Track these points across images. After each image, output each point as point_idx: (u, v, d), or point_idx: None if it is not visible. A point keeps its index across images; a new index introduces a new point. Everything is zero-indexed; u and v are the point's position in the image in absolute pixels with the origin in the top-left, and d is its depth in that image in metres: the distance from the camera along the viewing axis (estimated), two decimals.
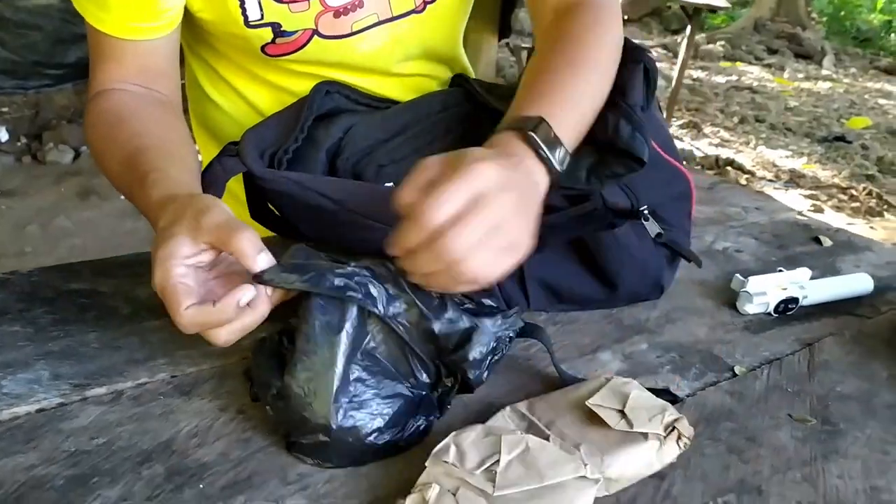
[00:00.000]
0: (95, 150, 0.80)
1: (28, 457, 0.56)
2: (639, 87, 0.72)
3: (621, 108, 0.70)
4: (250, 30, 0.81)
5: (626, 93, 0.72)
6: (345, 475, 0.57)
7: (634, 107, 0.70)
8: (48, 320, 0.72)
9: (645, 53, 0.75)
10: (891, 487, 0.62)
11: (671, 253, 0.83)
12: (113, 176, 0.77)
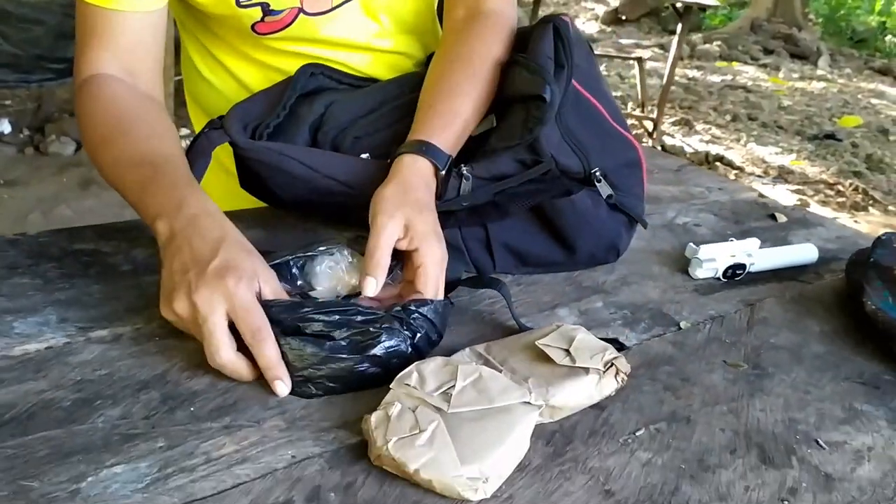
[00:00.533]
0: (96, 141, 0.82)
1: (38, 384, 0.63)
2: (545, 42, 0.82)
3: (519, 60, 0.83)
4: (241, 9, 0.88)
5: (527, 48, 0.83)
6: (318, 402, 0.64)
7: (537, 56, 0.80)
8: (55, 274, 0.80)
9: (558, 17, 0.84)
10: (808, 420, 0.69)
11: (627, 219, 0.90)
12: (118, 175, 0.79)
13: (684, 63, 7.01)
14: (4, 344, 0.67)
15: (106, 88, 0.83)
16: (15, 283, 0.77)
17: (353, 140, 0.85)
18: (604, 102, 0.88)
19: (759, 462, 0.63)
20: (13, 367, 0.65)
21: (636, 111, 4.78)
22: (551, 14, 0.87)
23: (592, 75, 0.88)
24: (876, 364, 0.79)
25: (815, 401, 0.72)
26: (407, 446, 0.56)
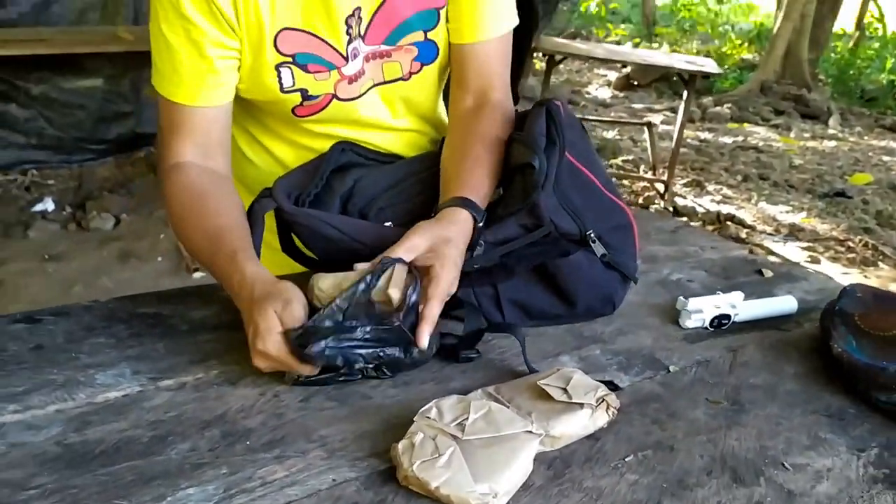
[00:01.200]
0: (177, 218, 1.00)
1: (120, 424, 0.76)
2: (539, 122, 0.97)
3: (516, 137, 1.00)
4: (284, 94, 1.04)
5: (524, 127, 0.98)
6: (353, 435, 0.76)
7: (530, 133, 0.95)
8: (126, 334, 0.93)
9: (551, 101, 1.00)
10: (777, 446, 0.80)
11: (621, 275, 1.02)
12: (194, 244, 0.97)
13: (696, 126, 7.19)
14: (90, 392, 0.80)
15: (184, 175, 1.00)
16: (93, 342, 0.91)
17: (378, 210, 0.99)
18: (596, 173, 1.01)
19: (732, 482, 0.74)
20: (98, 411, 0.78)
21: (648, 174, 4.93)
22: (545, 98, 1.02)
23: (585, 150, 1.02)
24: (841, 399, 0.90)
25: (784, 431, 0.83)
26: (429, 468, 0.67)
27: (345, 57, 1.03)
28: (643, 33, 13.18)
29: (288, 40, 1.00)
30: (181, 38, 0.97)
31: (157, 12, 0.98)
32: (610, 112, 7.43)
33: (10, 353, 0.87)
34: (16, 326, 0.93)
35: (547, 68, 4.87)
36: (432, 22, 1.05)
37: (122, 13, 4.06)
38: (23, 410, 0.77)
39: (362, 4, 0.99)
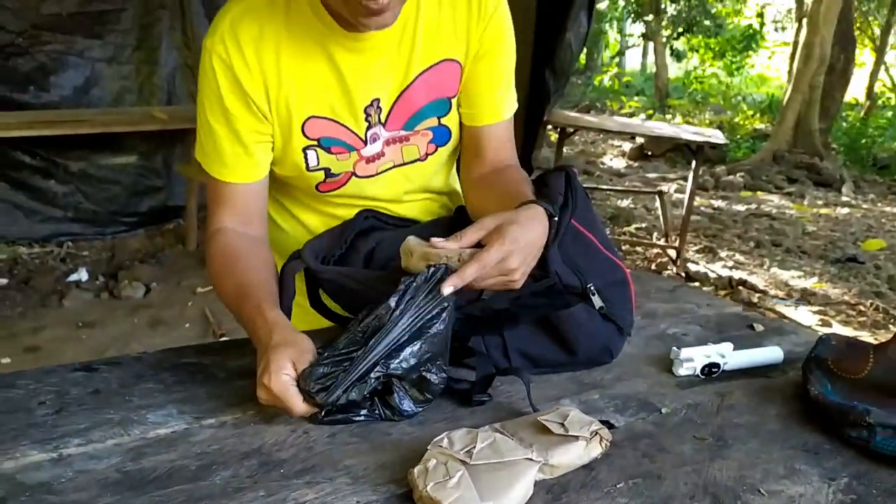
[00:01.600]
0: (214, 274, 1.14)
1: (170, 455, 0.86)
2: (558, 182, 1.10)
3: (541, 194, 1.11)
4: (309, 173, 1.17)
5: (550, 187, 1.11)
6: (374, 464, 0.86)
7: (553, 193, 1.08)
8: (172, 380, 1.04)
9: (570, 167, 1.13)
10: (755, 476, 0.88)
11: (617, 327, 1.13)
12: (227, 296, 1.11)
13: (710, 194, 7.33)
14: (142, 429, 0.91)
15: (223, 239, 1.14)
16: (143, 387, 1.02)
17: (397, 267, 1.11)
18: (596, 234, 1.13)
19: None
20: (151, 444, 0.89)
21: (660, 240, 5.05)
22: (563, 164, 1.15)
23: (588, 214, 1.14)
24: (817, 436, 0.98)
25: (763, 463, 0.91)
26: (441, 489, 0.77)
27: (363, 140, 1.17)
28: (656, 105, 13.51)
29: (314, 126, 1.14)
30: (222, 125, 1.12)
31: (203, 101, 1.13)
32: (624, 181, 7.60)
33: (72, 396, 0.98)
34: (75, 374, 1.04)
35: (559, 140, 5.06)
36: (445, 109, 1.19)
37: (156, 95, 4.33)
38: (85, 444, 0.88)
39: (381, 96, 1.14)
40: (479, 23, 1.15)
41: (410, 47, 1.12)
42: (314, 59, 1.10)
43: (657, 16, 13.58)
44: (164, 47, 4.36)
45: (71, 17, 3.97)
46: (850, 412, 0.96)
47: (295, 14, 1.08)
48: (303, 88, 1.11)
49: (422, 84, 1.15)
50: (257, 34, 1.08)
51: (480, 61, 1.18)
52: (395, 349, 0.93)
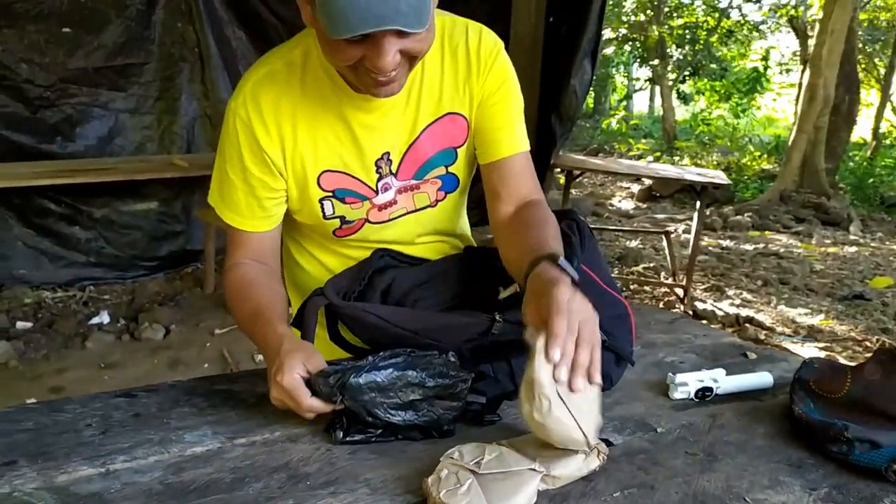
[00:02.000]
0: (231, 300, 1.25)
1: (206, 470, 0.95)
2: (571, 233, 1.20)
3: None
4: (326, 221, 1.28)
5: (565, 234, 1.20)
6: (392, 477, 0.95)
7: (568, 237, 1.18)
8: (205, 405, 1.14)
9: (574, 213, 1.22)
10: (741, 486, 0.96)
11: (616, 357, 1.22)
12: (242, 318, 1.22)
13: (717, 234, 7.41)
14: (180, 447, 1.01)
15: (240, 269, 1.26)
16: (179, 410, 1.11)
17: (412, 301, 1.21)
18: (597, 271, 1.23)
19: None
20: (188, 460, 0.98)
21: (668, 280, 5.12)
22: (567, 208, 1.25)
23: (592, 254, 1.24)
24: (801, 451, 1.06)
25: (749, 475, 0.99)
26: (452, 495, 0.86)
27: (375, 190, 1.27)
28: (664, 147, 13.66)
29: (328, 180, 1.25)
30: (240, 180, 1.24)
31: (223, 154, 1.25)
32: (633, 222, 7.70)
33: (116, 419, 1.08)
34: (117, 400, 1.14)
35: (566, 182, 5.18)
36: (451, 159, 1.29)
37: (176, 143, 4.49)
38: (130, 460, 0.97)
39: (390, 149, 1.25)
40: (479, 76, 1.26)
41: (416, 103, 1.23)
42: (328, 117, 1.21)
43: (663, 60, 13.83)
44: (184, 98, 4.54)
45: (97, 71, 4.16)
46: (830, 428, 1.03)
47: (311, 77, 1.20)
48: (317, 145, 1.22)
49: (428, 137, 1.26)
50: (276, 97, 1.19)
51: (487, 105, 1.27)
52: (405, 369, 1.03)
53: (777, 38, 16.16)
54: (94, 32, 4.14)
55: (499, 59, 1.27)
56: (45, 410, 1.10)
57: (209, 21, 4.59)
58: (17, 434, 1.02)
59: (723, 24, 13.64)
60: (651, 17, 13.95)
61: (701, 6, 13.88)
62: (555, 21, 4.30)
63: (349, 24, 0.94)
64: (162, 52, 4.42)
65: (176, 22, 4.45)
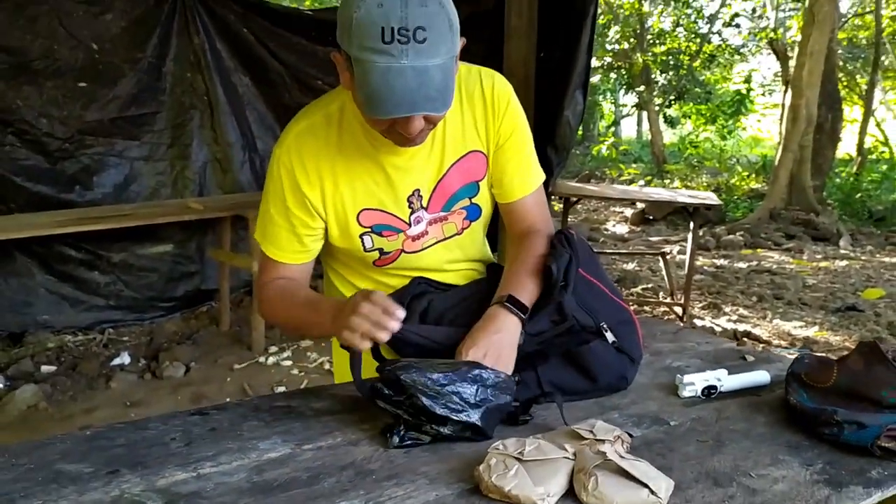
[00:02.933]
0: (271, 306, 1.43)
1: (284, 469, 1.10)
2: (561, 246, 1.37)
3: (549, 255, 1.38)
4: (366, 253, 1.44)
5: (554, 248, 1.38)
6: (446, 469, 1.10)
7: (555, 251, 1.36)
8: (270, 419, 1.28)
9: (567, 230, 1.41)
10: (746, 464, 1.11)
11: (629, 358, 1.38)
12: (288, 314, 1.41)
13: (712, 254, 7.59)
14: (257, 453, 1.15)
15: (279, 282, 1.44)
16: (249, 424, 1.26)
17: (448, 322, 1.36)
18: (603, 282, 1.39)
19: (713, 485, 1.06)
20: (267, 463, 1.13)
21: (666, 299, 5.29)
22: (563, 229, 1.42)
23: (595, 267, 1.41)
24: (798, 436, 1.21)
25: (753, 456, 1.15)
26: (502, 478, 1.01)
27: (408, 223, 1.44)
28: (654, 171, 13.91)
29: (367, 217, 1.41)
30: (282, 217, 1.40)
31: (268, 196, 1.42)
32: (628, 246, 7.89)
33: (195, 433, 1.23)
34: (193, 417, 1.29)
35: (564, 209, 5.37)
36: (475, 191, 1.46)
37: (189, 187, 4.66)
38: (216, 465, 1.12)
39: (420, 186, 1.41)
40: (494, 119, 1.43)
41: (442, 145, 1.40)
42: (364, 162, 1.38)
43: (648, 86, 14.14)
44: (195, 144, 4.72)
45: (112, 122, 4.34)
46: (822, 414, 1.19)
47: (347, 129, 1.36)
48: (355, 187, 1.39)
49: (454, 173, 1.43)
50: (316, 147, 1.36)
51: (503, 149, 1.45)
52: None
53: (758, 61, 16.58)
54: (108, 85, 4.33)
55: (511, 104, 1.44)
56: (132, 429, 1.25)
57: (216, 70, 4.79)
58: (113, 449, 1.17)
59: (705, 49, 13.97)
60: (635, 45, 14.29)
61: (682, 32, 14.23)
62: (546, 56, 4.50)
63: (384, 110, 1.14)
64: (173, 100, 4.61)
65: (185, 72, 4.65)
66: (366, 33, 1.09)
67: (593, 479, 1.00)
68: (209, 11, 4.77)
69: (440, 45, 1.12)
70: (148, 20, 4.52)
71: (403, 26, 1.08)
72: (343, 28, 1.14)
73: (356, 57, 1.12)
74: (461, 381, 1.18)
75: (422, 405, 1.16)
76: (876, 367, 1.20)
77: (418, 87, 1.11)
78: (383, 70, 1.10)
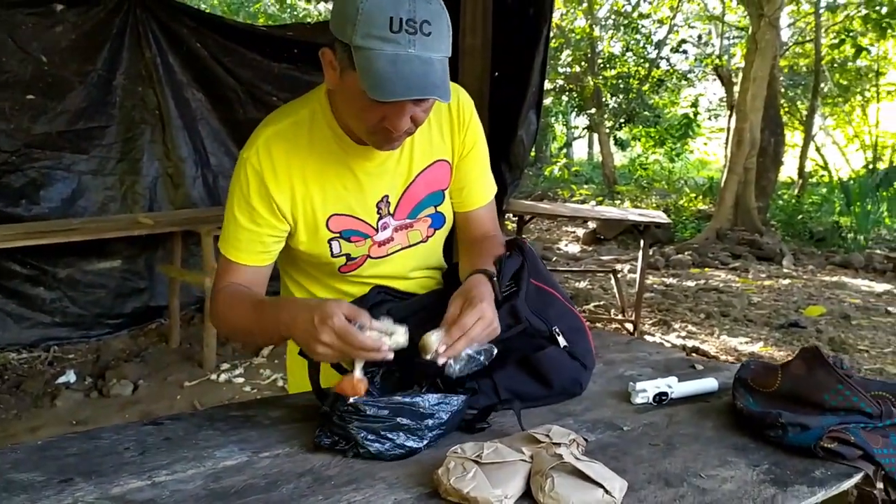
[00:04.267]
0: (223, 313, 1.38)
1: (241, 476, 1.10)
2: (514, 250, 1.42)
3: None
4: (334, 259, 1.45)
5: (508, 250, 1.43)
6: (405, 474, 1.11)
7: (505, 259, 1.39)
8: (226, 427, 1.27)
9: (520, 240, 1.45)
10: (696, 465, 1.15)
11: (582, 364, 1.40)
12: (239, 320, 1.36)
13: (661, 273, 7.75)
14: (213, 461, 1.15)
15: (232, 288, 1.40)
16: (205, 433, 1.25)
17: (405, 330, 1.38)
18: (555, 289, 1.43)
19: (665, 486, 1.08)
20: (223, 471, 1.12)
21: (618, 316, 5.38)
22: (516, 237, 1.45)
23: (544, 274, 1.44)
24: (745, 438, 1.25)
25: (702, 458, 1.18)
26: (461, 481, 1.02)
27: (376, 229, 1.45)
28: (605, 192, 14.16)
29: (336, 222, 1.42)
30: (245, 219, 1.38)
31: (232, 198, 1.40)
32: (580, 264, 7.99)
33: (150, 443, 1.21)
34: (147, 427, 1.28)
35: (518, 227, 5.43)
36: (440, 199, 1.49)
37: (139, 202, 4.59)
38: (171, 473, 1.11)
39: (389, 193, 1.43)
40: (460, 129, 1.47)
41: (410, 153, 1.43)
42: (334, 167, 1.39)
43: (599, 108, 14.42)
44: (146, 159, 4.66)
45: (60, 135, 4.26)
46: (767, 417, 1.23)
47: (318, 134, 1.37)
48: (326, 192, 1.39)
49: (421, 181, 1.45)
50: (287, 152, 1.36)
51: (466, 159, 1.49)
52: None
53: (704, 86, 17.02)
54: (57, 98, 4.25)
55: (473, 117, 1.48)
56: (84, 439, 1.23)
57: (169, 84, 4.75)
58: (65, 458, 1.15)
59: (653, 73, 14.32)
60: (586, 69, 14.58)
61: (632, 57, 14.57)
62: (500, 76, 4.57)
63: (395, 92, 1.14)
64: (123, 114, 4.55)
65: (136, 86, 4.60)
66: (373, 22, 1.12)
67: (550, 481, 1.02)
68: (161, 26, 4.74)
69: (442, 40, 1.16)
70: (98, 33, 4.46)
71: (412, 18, 1.12)
72: (345, 18, 1.15)
73: (361, 45, 1.14)
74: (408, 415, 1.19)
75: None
76: (818, 372, 1.25)
77: (424, 75, 1.14)
78: (391, 57, 1.13)
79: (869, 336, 5.24)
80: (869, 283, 7.44)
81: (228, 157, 4.98)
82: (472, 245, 1.53)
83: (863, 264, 8.34)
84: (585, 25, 14.01)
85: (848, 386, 1.21)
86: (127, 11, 4.56)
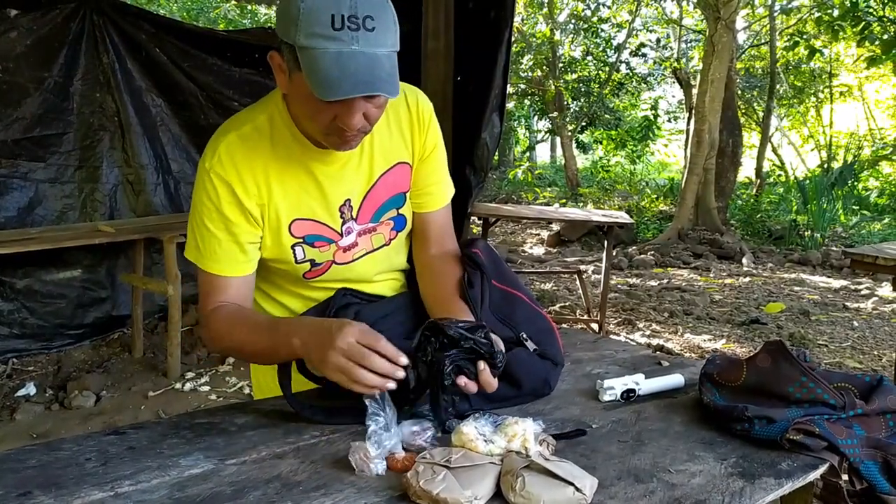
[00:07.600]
0: (224, 334, 1.35)
1: (207, 485, 1.08)
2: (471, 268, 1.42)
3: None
4: (298, 265, 1.43)
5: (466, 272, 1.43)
6: (375, 478, 1.09)
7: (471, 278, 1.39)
8: (192, 435, 1.25)
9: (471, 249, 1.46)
10: (665, 461, 1.15)
11: (552, 363, 1.41)
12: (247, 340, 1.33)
13: (625, 273, 7.83)
14: (178, 470, 1.12)
15: (225, 308, 1.37)
16: (169, 441, 1.23)
17: None
18: (521, 291, 1.42)
19: (634, 482, 1.09)
20: (189, 479, 1.10)
21: (584, 316, 5.41)
22: (475, 238, 1.45)
23: (509, 277, 1.44)
24: (712, 432, 1.27)
25: (671, 453, 1.19)
26: (430, 483, 1.01)
27: (340, 234, 1.44)
28: (568, 194, 14.27)
29: (299, 227, 1.40)
30: (221, 230, 1.35)
31: (200, 210, 1.36)
32: (545, 266, 8.03)
33: (112, 453, 1.19)
34: (109, 437, 1.25)
35: (483, 230, 5.44)
36: (401, 202, 1.48)
37: (99, 210, 4.50)
38: (135, 483, 1.08)
39: (351, 196, 1.42)
40: (420, 131, 1.46)
41: (370, 155, 1.42)
42: (295, 172, 1.37)
43: (561, 112, 14.52)
44: (105, 166, 4.57)
45: (16, 143, 4.16)
46: (733, 411, 1.25)
47: (278, 138, 1.36)
48: (288, 196, 1.38)
49: (382, 184, 1.44)
50: (249, 157, 1.34)
51: (426, 161, 1.48)
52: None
53: (664, 89, 17.27)
54: (12, 105, 4.15)
55: (433, 119, 1.48)
56: (44, 450, 1.20)
57: (127, 90, 4.67)
58: (24, 471, 1.12)
59: (613, 77, 14.48)
60: (547, 73, 14.68)
61: (592, 61, 14.71)
62: (463, 80, 4.58)
63: (341, 90, 1.12)
64: (81, 121, 4.46)
65: (94, 92, 4.51)
66: (315, 20, 1.11)
67: (520, 480, 1.01)
68: (119, 31, 4.66)
69: (387, 35, 1.15)
70: (54, 39, 4.37)
71: (353, 14, 1.11)
72: (288, 19, 1.14)
73: (304, 45, 1.12)
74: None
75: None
76: (782, 365, 1.27)
77: (370, 70, 1.13)
78: (335, 55, 1.11)
79: (827, 331, 5.35)
80: (826, 279, 7.61)
81: (190, 162, 4.91)
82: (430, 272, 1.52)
83: (820, 261, 8.53)
84: (546, 29, 14.12)
85: (812, 378, 1.23)
86: (83, 17, 4.47)
